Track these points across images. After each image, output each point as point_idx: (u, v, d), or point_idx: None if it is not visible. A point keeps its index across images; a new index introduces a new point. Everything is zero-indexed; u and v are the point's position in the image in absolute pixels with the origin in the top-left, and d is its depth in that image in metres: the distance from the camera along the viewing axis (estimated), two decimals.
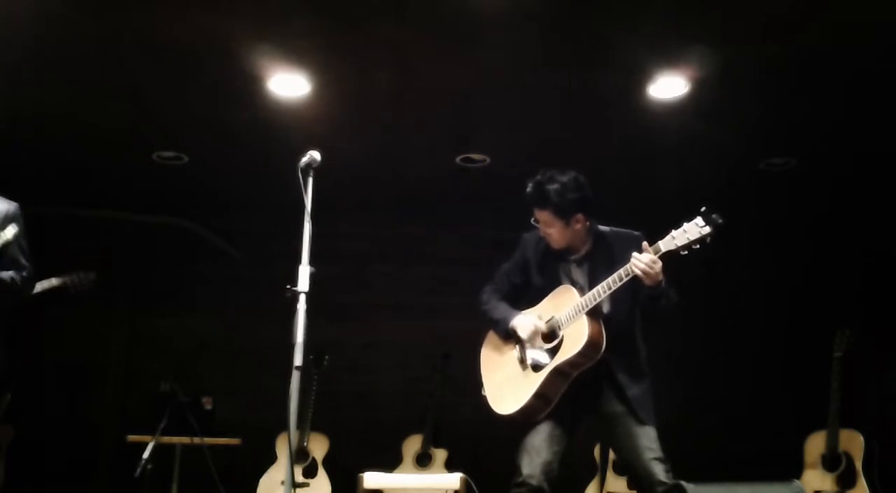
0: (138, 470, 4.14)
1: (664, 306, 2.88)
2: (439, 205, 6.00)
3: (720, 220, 2.67)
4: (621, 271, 2.81)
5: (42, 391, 5.56)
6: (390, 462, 5.36)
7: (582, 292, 2.95)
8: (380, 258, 6.28)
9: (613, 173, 5.08)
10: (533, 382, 2.95)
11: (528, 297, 3.15)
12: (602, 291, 2.86)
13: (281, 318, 2.84)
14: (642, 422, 2.90)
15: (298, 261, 2.74)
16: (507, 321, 3.10)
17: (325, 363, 5.41)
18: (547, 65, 4.02)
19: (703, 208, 2.70)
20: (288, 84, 4.16)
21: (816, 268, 6.02)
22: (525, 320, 3.05)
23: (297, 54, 3.92)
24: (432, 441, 5.44)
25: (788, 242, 6.09)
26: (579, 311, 2.90)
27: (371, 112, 4.56)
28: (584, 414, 3.02)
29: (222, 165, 5.37)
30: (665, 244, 2.76)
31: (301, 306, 2.67)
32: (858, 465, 4.65)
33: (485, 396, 3.16)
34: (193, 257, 6.16)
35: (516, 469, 2.90)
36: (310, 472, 5.21)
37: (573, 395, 2.94)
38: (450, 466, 5.31)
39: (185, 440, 4.67)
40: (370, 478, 3.40)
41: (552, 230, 3.01)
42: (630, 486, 4.92)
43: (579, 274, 3.07)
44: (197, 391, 4.89)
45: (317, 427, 5.29)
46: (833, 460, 4.75)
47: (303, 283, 2.70)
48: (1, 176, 3.73)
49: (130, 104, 4.46)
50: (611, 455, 5.13)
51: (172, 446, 4.74)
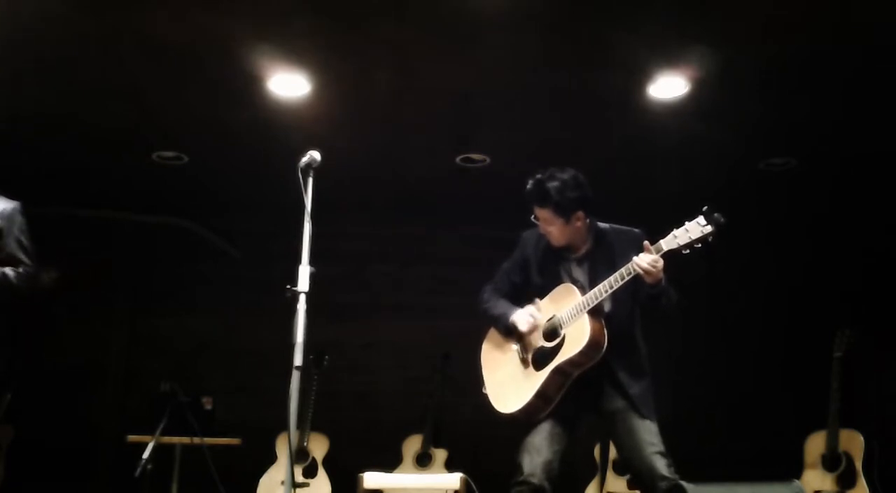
0: (138, 470, 4.14)
1: (664, 305, 2.89)
2: (439, 205, 6.00)
3: (722, 219, 2.67)
4: (623, 270, 2.81)
5: (42, 391, 5.55)
6: (390, 462, 5.35)
7: (583, 291, 2.95)
8: (380, 258, 6.28)
9: (613, 173, 5.07)
10: (534, 381, 2.95)
11: (529, 295, 3.14)
12: (604, 290, 2.86)
13: (281, 318, 2.84)
14: (643, 417, 2.89)
15: (298, 261, 2.74)
16: (508, 317, 3.09)
17: (325, 363, 5.42)
18: (547, 65, 4.02)
19: (705, 207, 2.70)
20: (288, 84, 4.16)
21: (816, 268, 6.02)
22: (522, 313, 3.05)
23: (297, 54, 3.92)
24: (432, 441, 5.44)
25: (788, 242, 6.09)
26: (581, 310, 2.89)
27: (371, 112, 4.56)
28: (585, 413, 3.02)
29: (222, 165, 5.37)
30: (667, 243, 2.76)
31: (301, 306, 2.67)
32: (858, 465, 4.65)
33: (485, 394, 3.16)
34: (193, 257, 6.16)
35: (517, 468, 2.90)
36: (310, 472, 5.22)
37: (574, 394, 2.94)
38: (450, 466, 5.31)
39: (185, 440, 4.67)
40: (370, 478, 3.40)
41: (552, 228, 3.01)
42: (630, 486, 4.92)
43: (580, 273, 3.07)
44: (197, 391, 4.89)
45: (317, 427, 5.29)
46: (833, 460, 4.75)
47: (303, 283, 2.70)
48: (1, 176, 3.73)
49: (130, 104, 4.46)
50: (611, 455, 5.13)
51: (172, 446, 4.73)
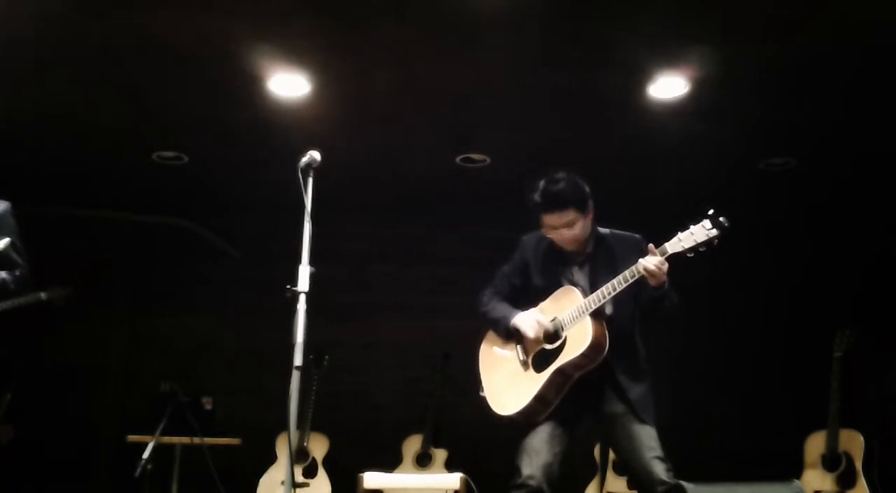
0: (138, 470, 4.14)
1: (667, 308, 2.89)
2: (439, 205, 6.00)
3: (727, 223, 2.68)
4: (626, 273, 2.81)
5: (42, 391, 5.55)
6: (390, 462, 5.35)
7: (584, 294, 2.95)
8: (380, 258, 6.28)
9: (613, 173, 5.07)
10: (535, 383, 2.94)
11: (529, 298, 3.14)
12: (607, 292, 2.86)
13: (281, 318, 2.84)
14: (642, 421, 2.90)
15: (298, 261, 2.74)
16: (508, 320, 3.09)
17: (325, 363, 5.41)
18: (547, 65, 4.02)
19: (711, 211, 2.71)
20: (288, 84, 4.16)
21: (816, 268, 6.02)
22: (527, 317, 3.04)
23: (297, 54, 3.92)
24: (432, 441, 5.44)
25: (788, 242, 6.09)
26: (583, 312, 2.89)
27: (371, 112, 4.56)
28: (585, 415, 3.01)
29: (222, 165, 5.37)
30: (672, 246, 2.76)
31: (301, 306, 2.67)
32: (858, 465, 4.65)
33: (483, 396, 3.15)
34: (193, 257, 6.16)
35: (516, 470, 2.89)
36: (310, 472, 5.22)
37: (574, 396, 2.93)
38: (450, 466, 5.31)
39: (185, 440, 4.67)
40: (370, 478, 3.40)
41: (577, 227, 2.97)
42: (630, 486, 4.92)
43: (580, 276, 3.06)
44: (197, 391, 4.89)
45: (317, 427, 5.29)
46: (833, 460, 4.75)
47: (303, 283, 2.70)
48: (1, 176, 3.73)
49: (130, 104, 4.47)
50: (611, 455, 5.13)
51: (172, 446, 4.74)
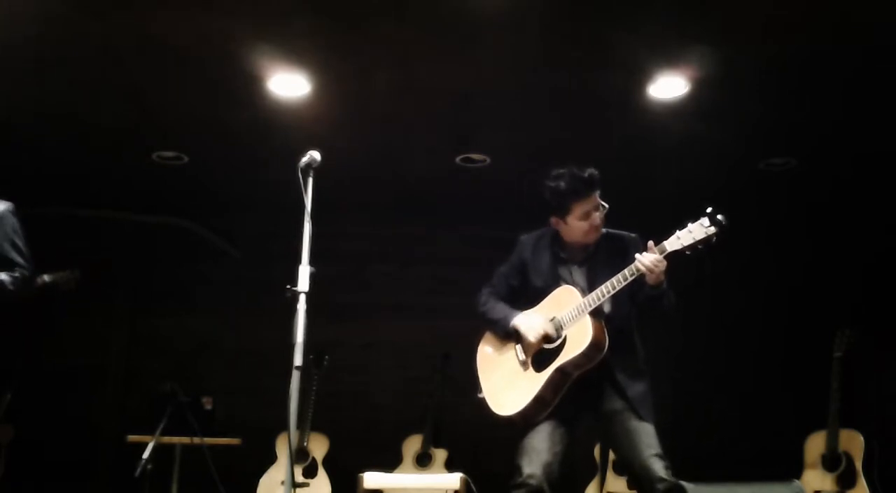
0: (138, 470, 4.14)
1: (665, 306, 2.89)
2: (439, 205, 6.00)
3: (725, 221, 2.68)
4: (625, 272, 2.82)
5: (42, 391, 5.55)
6: (390, 462, 5.35)
7: (582, 294, 2.95)
8: (380, 258, 6.28)
9: (613, 173, 4.98)
10: (534, 383, 2.94)
11: (527, 298, 3.14)
12: (605, 291, 2.86)
13: (281, 318, 2.84)
14: (641, 419, 2.90)
15: (298, 261, 2.74)
16: (508, 321, 3.09)
17: (325, 363, 5.41)
18: (547, 65, 4.02)
19: (709, 209, 2.71)
20: (288, 84, 4.16)
21: (816, 268, 6.02)
22: (529, 321, 3.04)
23: (297, 54, 3.92)
24: (432, 441, 5.44)
25: (788, 242, 6.09)
26: (582, 311, 2.89)
27: (371, 112, 4.56)
28: (585, 414, 3.01)
29: (222, 165, 5.37)
30: (670, 245, 2.77)
31: (301, 306, 2.67)
32: (858, 465, 4.65)
33: (482, 397, 3.15)
34: (193, 257, 6.16)
35: (516, 470, 2.89)
36: (310, 472, 5.21)
37: (573, 395, 2.93)
38: (450, 466, 5.31)
39: (185, 440, 4.67)
40: (370, 478, 3.40)
41: (602, 213, 3.02)
42: (630, 486, 4.92)
43: (579, 275, 3.07)
44: (197, 391, 4.89)
45: (317, 427, 5.29)
46: (833, 460, 4.75)
47: (303, 283, 2.70)
48: (1, 176, 3.73)
49: (130, 104, 4.47)
50: (611, 455, 5.13)
51: (172, 446, 4.74)
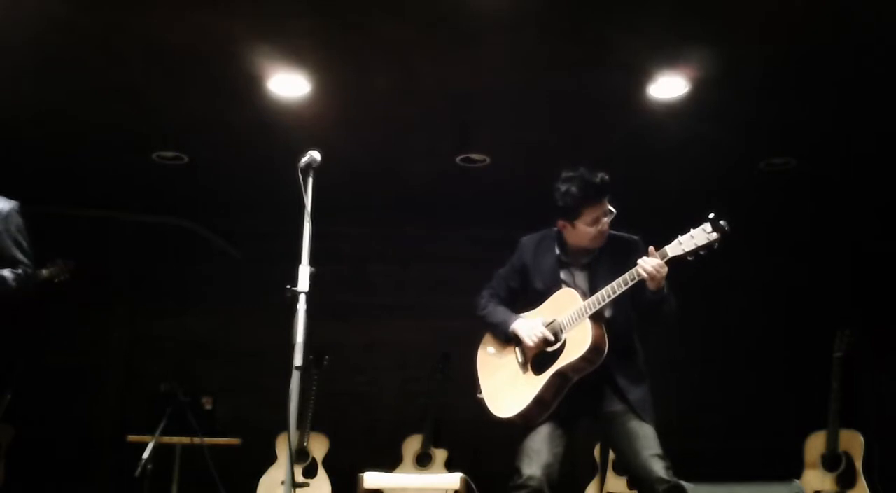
0: (138, 470, 4.15)
1: (666, 312, 2.89)
2: (439, 205, 6.00)
3: (728, 227, 2.67)
4: (626, 276, 2.81)
5: (42, 391, 5.56)
6: (390, 462, 5.35)
7: (583, 297, 2.94)
8: (380, 258, 6.28)
9: (613, 173, 5.02)
10: (534, 385, 2.94)
11: (528, 300, 3.14)
12: (606, 295, 2.85)
13: (281, 318, 2.84)
14: (642, 420, 2.90)
15: (298, 261, 2.74)
16: (508, 325, 3.08)
17: (325, 364, 5.41)
18: (547, 65, 4.02)
19: (712, 215, 2.70)
20: (288, 84, 4.16)
21: (816, 268, 6.02)
22: (528, 325, 3.03)
23: (297, 54, 3.92)
24: (432, 441, 5.44)
25: (788, 242, 6.09)
26: (582, 314, 2.89)
27: (371, 112, 4.55)
28: (584, 416, 3.01)
29: (222, 165, 5.36)
30: (672, 249, 2.76)
31: (301, 306, 2.67)
32: (858, 465, 4.65)
33: (481, 399, 3.15)
34: (193, 257, 6.16)
35: (516, 471, 2.89)
36: (310, 472, 5.21)
37: (573, 397, 2.93)
38: (450, 466, 5.31)
39: (185, 440, 4.68)
40: (370, 478, 3.40)
41: (609, 217, 3.01)
42: (630, 486, 4.92)
43: (581, 278, 3.06)
44: (197, 391, 4.89)
45: (317, 427, 5.29)
46: (833, 460, 4.75)
47: (303, 283, 2.70)
48: (1, 176, 3.73)
49: (130, 104, 4.46)
50: (611, 455, 5.13)
51: (172, 446, 4.74)
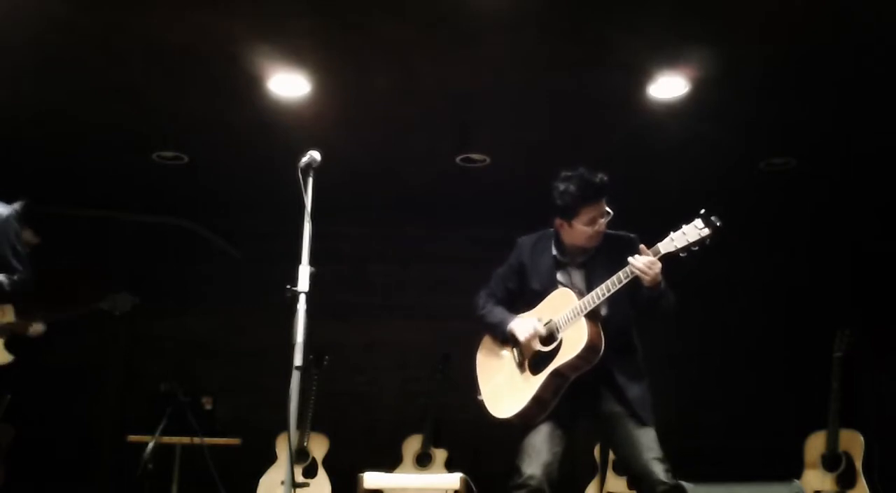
0: (138, 470, 4.15)
1: (664, 308, 2.89)
2: (439, 205, 6.00)
3: (719, 222, 2.68)
4: (620, 274, 2.82)
5: (42, 391, 5.55)
6: (390, 462, 5.35)
7: (580, 296, 2.95)
8: (380, 258, 6.28)
9: (613, 173, 5.02)
10: (531, 385, 2.95)
11: (526, 300, 3.14)
12: (601, 293, 2.86)
13: (281, 318, 2.84)
14: (642, 423, 2.90)
15: (298, 261, 2.74)
16: (505, 325, 3.09)
17: (325, 364, 5.41)
18: (547, 65, 4.02)
19: (703, 211, 2.71)
20: (288, 84, 4.16)
21: (816, 268, 6.02)
22: (523, 324, 3.04)
23: (297, 54, 3.92)
24: (432, 441, 5.44)
25: (788, 242, 6.09)
26: (578, 313, 2.89)
27: (371, 112, 4.55)
28: (584, 415, 3.02)
29: (222, 165, 5.37)
30: (664, 246, 2.77)
31: (301, 306, 2.67)
32: (858, 465, 4.65)
33: (481, 400, 3.15)
34: (193, 257, 6.16)
35: (516, 470, 2.90)
36: (310, 472, 5.22)
37: (572, 396, 2.94)
38: (450, 466, 5.31)
39: (185, 440, 4.68)
40: (370, 478, 3.41)
41: (606, 217, 3.01)
42: (630, 486, 4.92)
43: (577, 278, 3.07)
44: (197, 391, 4.89)
45: (317, 427, 5.29)
46: (833, 460, 4.75)
47: (303, 283, 2.71)
48: (1, 176, 3.74)
49: (130, 104, 4.46)
50: (611, 455, 5.13)
51: (172, 446, 4.74)
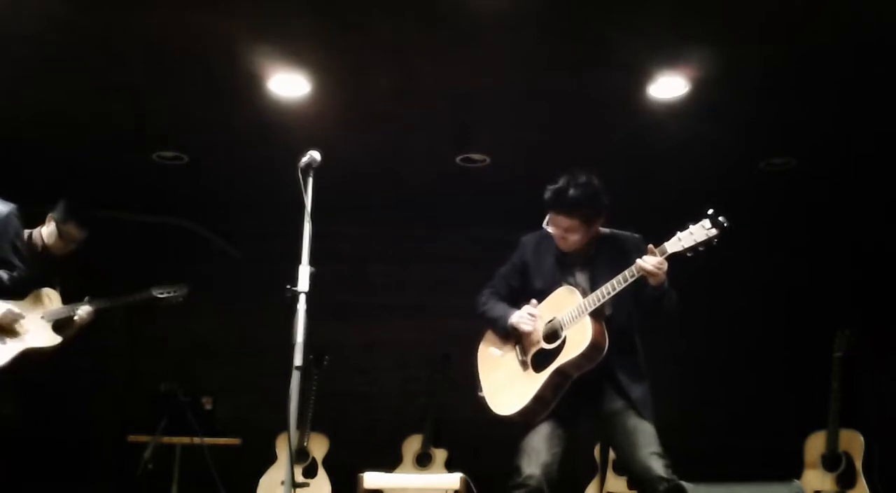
0: (138, 470, 4.15)
1: (667, 307, 2.89)
2: (439, 205, 6.00)
3: (727, 223, 2.68)
4: (626, 273, 2.81)
5: (42, 391, 5.54)
6: (390, 462, 5.36)
7: (584, 295, 2.94)
8: (380, 258, 6.28)
9: (613, 173, 5.00)
10: (534, 383, 2.95)
11: (528, 299, 3.13)
12: (606, 292, 2.86)
13: (281, 318, 2.84)
14: (642, 419, 2.90)
15: (298, 261, 2.74)
16: (506, 319, 3.09)
17: (325, 364, 5.41)
18: (547, 65, 4.02)
19: (710, 211, 2.70)
20: (288, 84, 4.16)
21: (816, 268, 6.02)
22: (523, 316, 3.05)
23: (297, 54, 3.92)
24: (432, 441, 5.44)
25: (788, 242, 6.09)
26: (582, 312, 2.89)
27: (371, 112, 4.56)
28: (585, 414, 3.01)
29: (222, 165, 5.37)
30: (671, 246, 2.76)
31: (301, 306, 2.67)
32: (858, 465, 4.65)
33: (482, 396, 3.15)
34: (193, 257, 6.16)
35: (516, 470, 2.89)
36: (310, 472, 5.21)
37: (573, 395, 2.94)
38: (450, 466, 5.31)
39: (185, 440, 4.68)
40: (370, 478, 3.40)
41: (575, 237, 2.98)
42: (630, 486, 4.92)
43: (581, 277, 3.07)
44: (197, 391, 4.90)
45: (317, 427, 5.29)
46: (833, 460, 4.75)
47: (303, 283, 2.71)
48: (1, 176, 3.74)
49: (130, 104, 4.47)
50: (611, 455, 5.13)
51: (172, 446, 4.74)
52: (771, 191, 5.52)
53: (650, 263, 2.75)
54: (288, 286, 2.69)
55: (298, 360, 2.62)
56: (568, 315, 2.94)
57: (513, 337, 3.10)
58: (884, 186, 5.31)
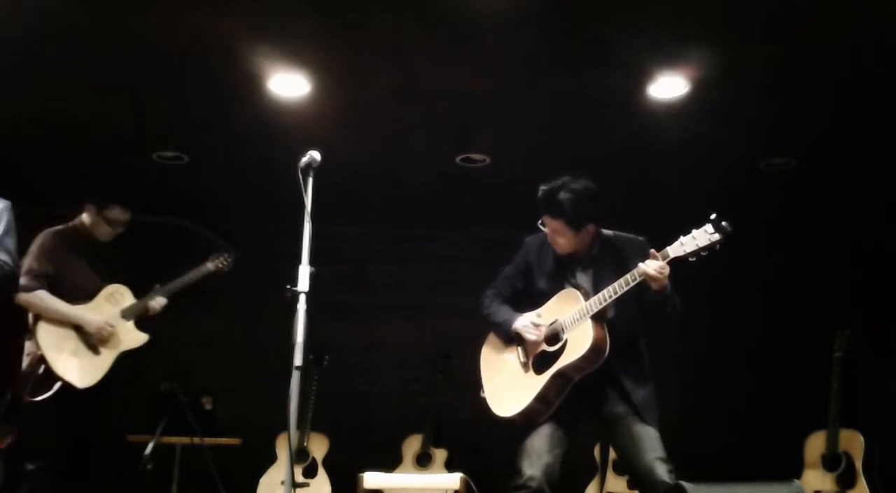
0: (138, 470, 4.14)
1: (669, 312, 2.89)
2: (439, 205, 6.00)
3: (729, 227, 2.67)
4: (628, 276, 2.81)
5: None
6: (390, 462, 5.36)
7: (586, 297, 2.94)
8: (380, 258, 6.28)
9: (613, 173, 5.06)
10: (535, 384, 2.94)
11: (532, 300, 3.14)
12: (608, 295, 2.85)
13: (281, 318, 2.84)
14: (645, 422, 2.90)
15: (298, 261, 2.74)
16: (510, 324, 3.09)
17: (325, 363, 5.41)
18: (547, 65, 4.02)
19: (713, 215, 2.70)
20: (288, 84, 4.16)
21: (816, 268, 6.02)
22: (527, 324, 3.04)
23: (297, 54, 3.92)
24: (432, 441, 5.44)
25: (788, 242, 6.09)
26: (584, 315, 2.89)
27: (371, 112, 4.56)
28: (586, 417, 3.01)
29: (222, 165, 5.37)
30: (674, 250, 2.76)
31: (301, 306, 2.67)
32: (858, 465, 4.65)
33: (484, 397, 3.15)
34: (193, 258, 6.14)
35: (517, 471, 2.89)
36: (310, 472, 5.22)
37: (575, 397, 2.93)
38: (450, 466, 5.31)
39: (185, 440, 4.68)
40: (370, 478, 3.41)
41: (562, 239, 3.00)
42: (630, 486, 4.92)
43: (584, 279, 3.06)
44: (197, 391, 4.89)
45: (317, 427, 5.29)
46: (833, 460, 4.75)
47: (303, 283, 2.71)
48: (1, 176, 3.73)
49: (130, 104, 4.46)
50: (611, 455, 5.13)
51: (172, 446, 4.74)
52: (771, 191, 5.52)
53: (652, 267, 2.75)
54: (288, 286, 2.69)
55: (298, 360, 2.62)
56: (570, 318, 2.93)
57: (515, 340, 3.10)
58: (884, 186, 5.31)
